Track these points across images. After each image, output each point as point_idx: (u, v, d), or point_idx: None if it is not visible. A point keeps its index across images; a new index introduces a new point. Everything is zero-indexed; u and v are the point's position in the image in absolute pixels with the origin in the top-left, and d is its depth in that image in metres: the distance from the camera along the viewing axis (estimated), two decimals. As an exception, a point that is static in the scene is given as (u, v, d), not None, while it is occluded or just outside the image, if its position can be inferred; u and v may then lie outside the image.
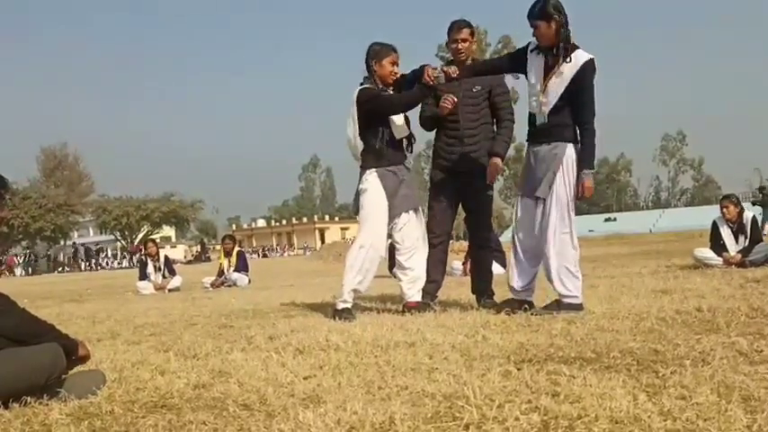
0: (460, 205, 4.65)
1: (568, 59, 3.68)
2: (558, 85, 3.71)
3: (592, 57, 3.70)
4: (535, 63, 3.83)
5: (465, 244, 12.82)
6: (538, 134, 3.87)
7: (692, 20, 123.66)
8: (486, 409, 1.79)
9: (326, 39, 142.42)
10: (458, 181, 4.46)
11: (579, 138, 3.79)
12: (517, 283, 3.97)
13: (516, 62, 3.97)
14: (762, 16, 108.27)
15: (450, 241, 5.96)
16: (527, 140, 4.00)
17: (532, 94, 3.85)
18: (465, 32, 4.37)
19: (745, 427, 1.57)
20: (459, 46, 4.37)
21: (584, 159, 3.76)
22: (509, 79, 4.56)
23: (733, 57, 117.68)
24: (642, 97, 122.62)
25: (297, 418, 1.83)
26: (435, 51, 42.75)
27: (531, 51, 3.85)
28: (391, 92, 4.24)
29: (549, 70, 3.75)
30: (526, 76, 3.92)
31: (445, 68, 4.01)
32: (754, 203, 22.39)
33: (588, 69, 3.69)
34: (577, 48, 3.73)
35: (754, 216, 7.18)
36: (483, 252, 4.64)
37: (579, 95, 3.72)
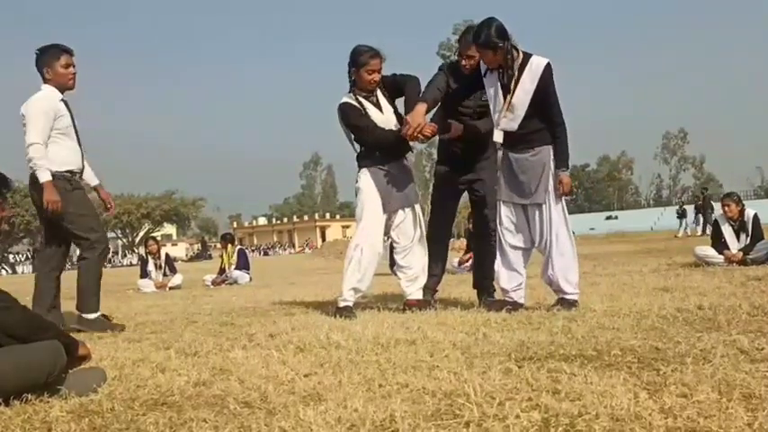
0: (460, 203, 4.64)
1: (525, 69, 3.75)
2: (523, 97, 3.78)
3: (548, 61, 3.79)
4: (491, 81, 3.91)
5: (465, 242, 12.85)
6: (515, 141, 3.91)
7: (693, 18, 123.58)
8: (487, 407, 1.79)
9: (329, 36, 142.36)
10: (462, 176, 4.46)
11: (552, 139, 3.86)
12: (507, 283, 3.99)
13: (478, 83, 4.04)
14: (763, 14, 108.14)
15: (451, 239, 5.95)
16: (504, 147, 3.99)
17: (496, 111, 3.90)
18: (473, 49, 4.32)
19: (746, 424, 1.56)
20: (465, 63, 4.29)
21: (560, 160, 3.84)
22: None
23: (735, 55, 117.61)
24: (644, 95, 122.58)
25: (297, 415, 1.83)
26: (436, 50, 42.67)
27: (485, 73, 3.94)
28: (379, 93, 4.24)
29: (505, 87, 3.82)
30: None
31: (427, 129, 3.97)
32: (696, 208, 22.88)
33: (548, 74, 3.77)
34: (530, 55, 3.80)
35: (755, 214, 7.17)
36: (486, 247, 4.59)
37: (545, 100, 3.79)
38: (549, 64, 3.77)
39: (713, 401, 1.74)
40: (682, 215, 24.46)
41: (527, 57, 3.79)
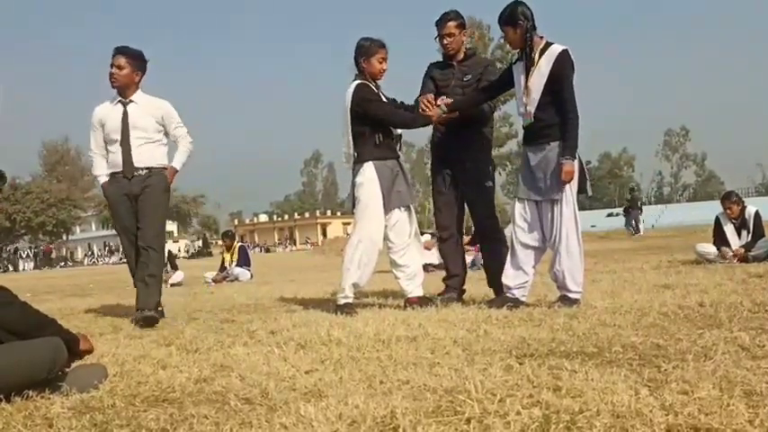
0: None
1: (545, 54, 3.81)
2: (538, 81, 3.82)
3: (565, 48, 3.82)
4: (518, 71, 3.97)
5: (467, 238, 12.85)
6: (532, 136, 3.95)
7: (695, 15, 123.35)
8: (488, 404, 1.79)
9: (329, 33, 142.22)
10: (455, 172, 4.45)
11: (562, 128, 3.83)
12: (512, 281, 3.98)
13: (506, 80, 4.10)
14: (764, 11, 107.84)
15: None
16: (523, 144, 4.06)
17: (518, 98, 3.96)
18: (450, 26, 4.37)
19: (747, 421, 1.56)
20: (445, 41, 4.41)
21: (566, 147, 3.80)
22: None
23: (736, 51, 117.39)
24: (645, 92, 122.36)
25: (298, 412, 1.83)
26: (437, 47, 42.56)
27: (514, 64, 4.01)
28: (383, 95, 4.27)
29: (528, 72, 3.88)
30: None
31: (441, 101, 4.18)
32: (625, 210, 23.26)
33: (563, 59, 3.79)
34: (552, 43, 3.86)
35: (757, 211, 7.16)
36: (495, 245, 4.52)
37: (560, 85, 3.80)
38: (565, 50, 3.80)
39: (714, 398, 1.73)
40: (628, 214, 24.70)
41: (549, 44, 3.86)
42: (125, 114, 4.47)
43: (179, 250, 51.70)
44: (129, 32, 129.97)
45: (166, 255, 10.20)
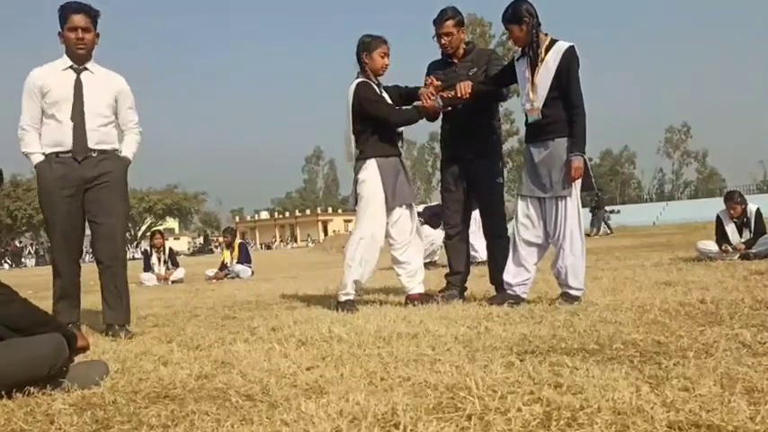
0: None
1: (551, 50, 3.83)
2: (545, 77, 3.83)
3: (572, 44, 3.84)
4: (521, 67, 3.98)
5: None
6: (536, 133, 3.94)
7: (696, 13, 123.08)
8: (489, 400, 1.79)
9: (329, 31, 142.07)
10: (464, 168, 4.44)
11: (570, 124, 3.83)
12: (513, 278, 3.98)
13: (510, 73, 4.11)
14: (766, 9, 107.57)
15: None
16: (526, 141, 4.05)
17: (523, 95, 3.96)
18: (448, 25, 4.35)
19: (748, 418, 1.56)
20: (443, 41, 4.38)
21: (575, 143, 3.80)
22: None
23: (738, 49, 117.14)
24: (647, 89, 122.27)
25: (299, 408, 1.83)
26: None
27: (517, 60, 4.02)
28: (384, 92, 4.27)
29: (534, 68, 3.88)
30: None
31: (443, 94, 4.21)
32: (591, 211, 23.50)
33: (570, 55, 3.81)
34: (557, 40, 3.88)
35: (758, 209, 7.15)
36: (499, 242, 4.53)
37: (567, 81, 3.81)
38: (572, 46, 3.82)
39: (715, 395, 1.73)
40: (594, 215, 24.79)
41: (555, 41, 3.87)
42: (78, 83, 3.71)
43: (188, 249, 51.80)
44: (130, 27, 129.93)
45: (167, 252, 10.22)
